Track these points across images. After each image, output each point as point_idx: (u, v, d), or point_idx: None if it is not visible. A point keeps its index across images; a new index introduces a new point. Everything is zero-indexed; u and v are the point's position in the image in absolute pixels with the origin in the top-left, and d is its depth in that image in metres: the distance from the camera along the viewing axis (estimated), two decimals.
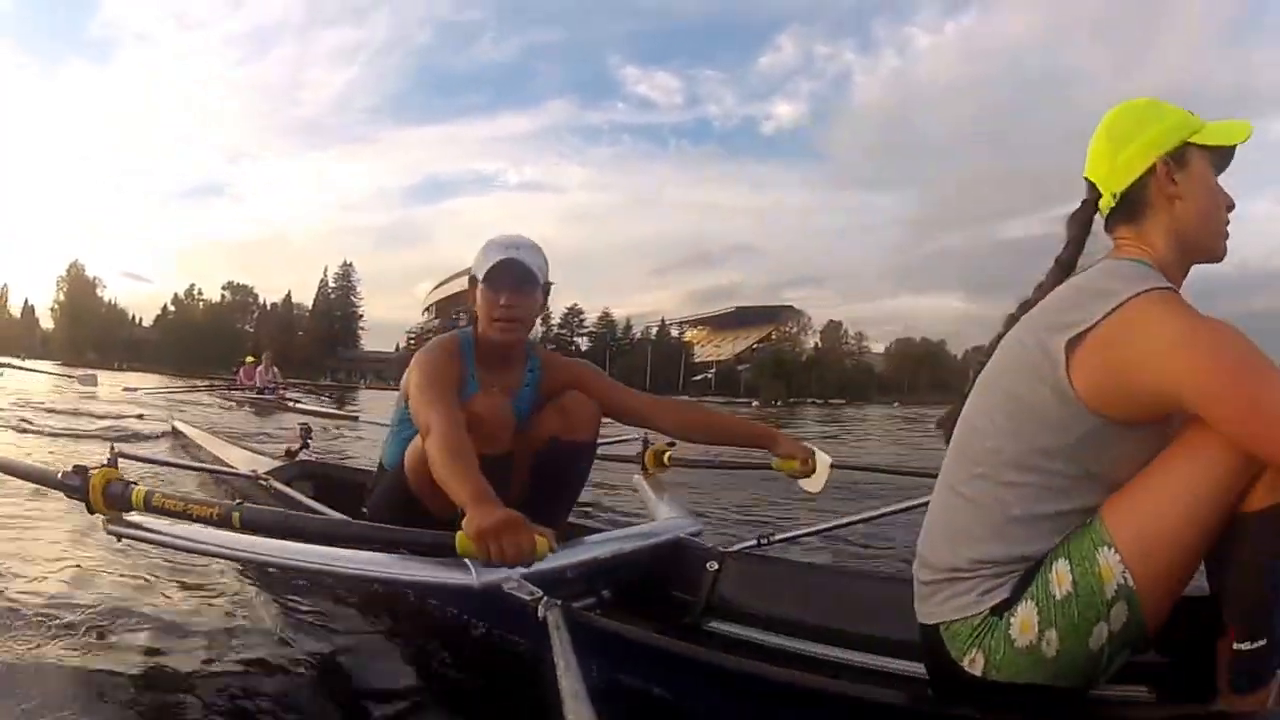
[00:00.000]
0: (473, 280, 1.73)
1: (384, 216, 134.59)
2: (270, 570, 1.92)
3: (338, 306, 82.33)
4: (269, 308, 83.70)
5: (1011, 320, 1.09)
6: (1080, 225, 1.13)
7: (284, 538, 1.39)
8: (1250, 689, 0.94)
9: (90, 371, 15.08)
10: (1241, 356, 0.89)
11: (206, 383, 15.13)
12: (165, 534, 1.39)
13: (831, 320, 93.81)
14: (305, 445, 3.01)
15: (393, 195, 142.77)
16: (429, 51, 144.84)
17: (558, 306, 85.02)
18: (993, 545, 0.99)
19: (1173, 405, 0.92)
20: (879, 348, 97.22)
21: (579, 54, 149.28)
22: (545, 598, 1.17)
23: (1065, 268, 1.12)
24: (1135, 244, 1.06)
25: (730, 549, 1.74)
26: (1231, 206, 1.06)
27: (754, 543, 1.80)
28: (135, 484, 1.41)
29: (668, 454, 2.19)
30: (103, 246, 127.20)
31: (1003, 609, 0.97)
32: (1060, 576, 0.95)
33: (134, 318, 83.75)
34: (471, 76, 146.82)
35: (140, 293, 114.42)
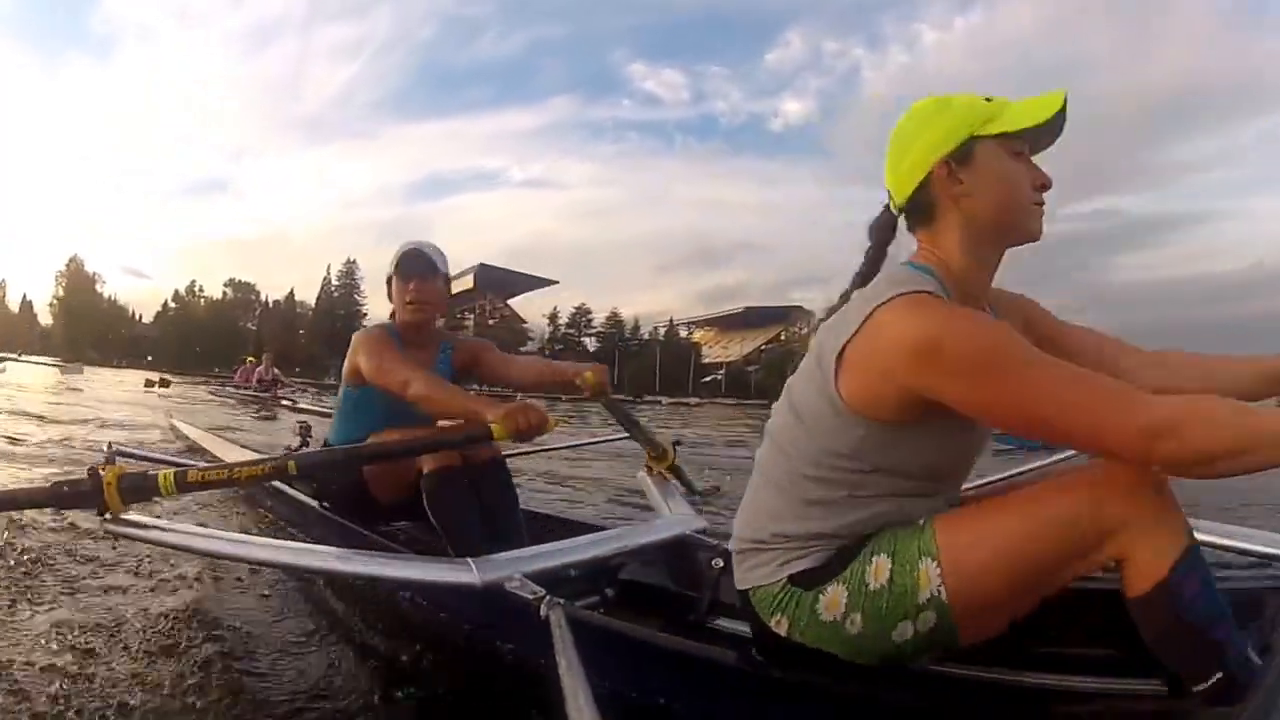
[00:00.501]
0: (388, 280, 2.04)
1: (386, 213, 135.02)
2: (269, 571, 1.94)
3: (341, 304, 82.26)
4: (271, 305, 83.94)
5: (818, 325, 1.10)
6: (880, 231, 1.14)
7: (342, 471, 1.62)
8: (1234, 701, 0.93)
9: (76, 363, 15.32)
10: (988, 352, 0.88)
11: (204, 378, 15.42)
12: (167, 536, 1.38)
13: None
14: (305, 444, 3.00)
15: (395, 192, 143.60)
16: (432, 47, 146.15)
17: (565, 306, 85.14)
18: (792, 523, 1.05)
19: (930, 406, 0.92)
20: None
21: (584, 49, 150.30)
22: (548, 596, 1.18)
23: (863, 277, 1.13)
24: (929, 247, 1.07)
25: None
26: (1044, 185, 1.04)
27: None
28: (154, 472, 1.39)
29: (670, 450, 2.18)
30: (102, 243, 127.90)
31: (804, 580, 1.03)
32: (879, 569, 0.99)
33: (134, 314, 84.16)
34: (475, 72, 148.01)
35: (140, 289, 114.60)
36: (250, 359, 14.86)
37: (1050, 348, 1.00)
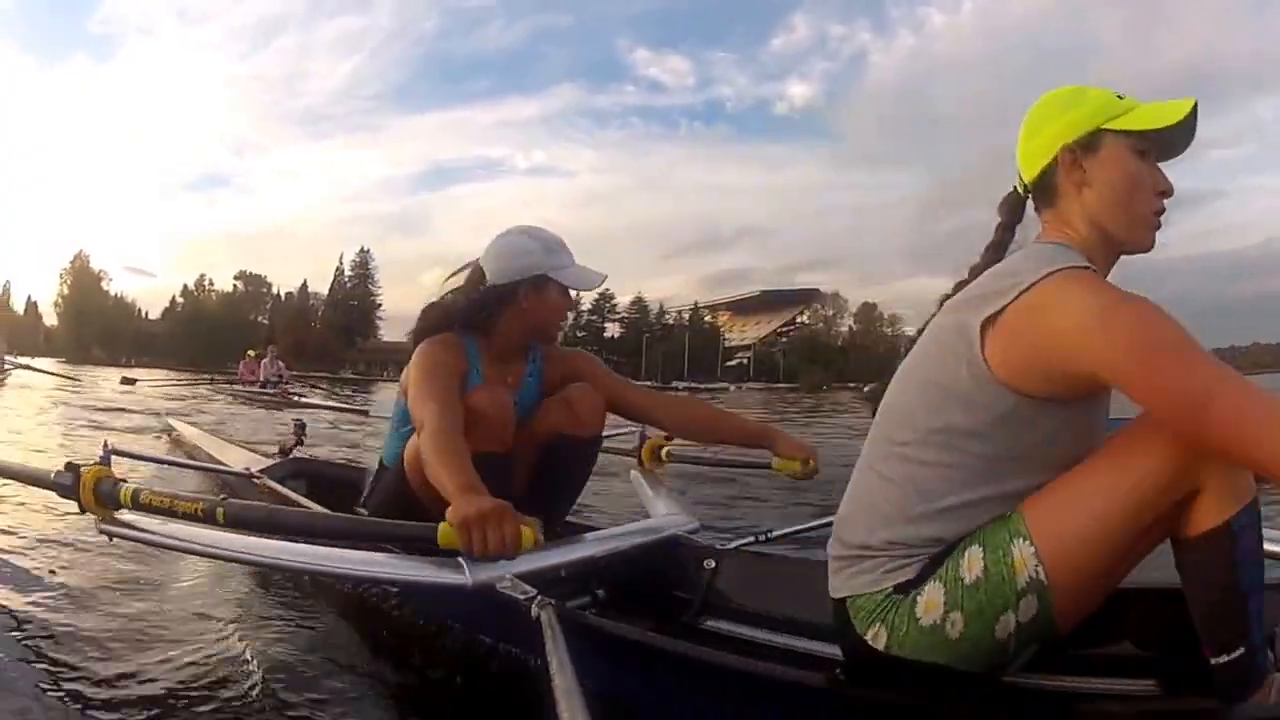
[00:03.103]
0: (531, 280, 1.75)
1: (391, 205, 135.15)
2: (258, 570, 1.97)
3: (355, 296, 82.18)
4: (284, 298, 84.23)
5: (943, 303, 1.12)
6: (1010, 210, 1.17)
7: (267, 533, 1.41)
8: (1242, 695, 0.95)
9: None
10: (1155, 337, 0.89)
11: (208, 379, 14.86)
12: (157, 534, 1.43)
13: (866, 302, 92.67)
14: (299, 442, 3.03)
15: (399, 183, 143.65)
16: (435, 38, 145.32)
17: (588, 293, 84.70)
18: (905, 526, 1.03)
19: (1089, 383, 0.94)
20: (913, 331, 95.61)
21: (588, 37, 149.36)
22: (539, 597, 1.21)
23: (996, 251, 1.16)
24: (1057, 227, 1.09)
25: (728, 546, 1.76)
26: (1165, 193, 1.06)
27: (752, 540, 1.81)
28: (124, 482, 1.44)
29: (666, 449, 2.18)
30: (104, 242, 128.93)
31: (908, 588, 1.02)
32: (972, 562, 0.99)
33: (141, 311, 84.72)
34: (478, 62, 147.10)
35: (144, 287, 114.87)
36: (252, 352, 13.48)
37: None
